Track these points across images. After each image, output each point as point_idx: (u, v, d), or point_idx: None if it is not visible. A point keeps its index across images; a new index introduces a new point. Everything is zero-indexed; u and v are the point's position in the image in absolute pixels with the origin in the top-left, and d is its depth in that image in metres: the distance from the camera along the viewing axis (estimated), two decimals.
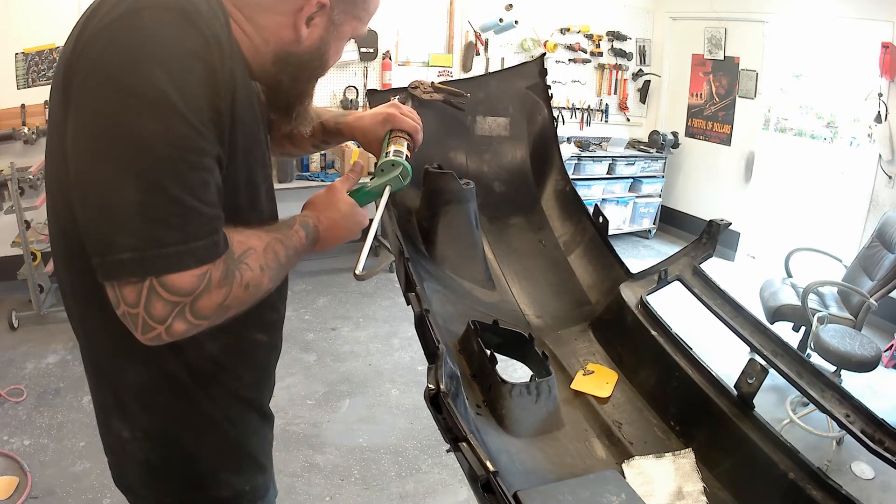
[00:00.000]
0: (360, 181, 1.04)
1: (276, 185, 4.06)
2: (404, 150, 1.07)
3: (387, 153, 1.06)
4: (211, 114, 0.70)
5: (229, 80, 0.72)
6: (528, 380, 1.18)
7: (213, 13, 0.71)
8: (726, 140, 5.21)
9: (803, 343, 3.08)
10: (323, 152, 4.37)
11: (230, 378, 0.93)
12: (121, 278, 0.66)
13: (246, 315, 0.81)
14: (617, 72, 5.50)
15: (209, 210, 0.69)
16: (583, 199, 1.65)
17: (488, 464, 0.76)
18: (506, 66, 3.51)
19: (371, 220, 1.02)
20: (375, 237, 1.01)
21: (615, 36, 5.36)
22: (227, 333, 0.87)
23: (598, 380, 1.29)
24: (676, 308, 1.74)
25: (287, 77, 0.88)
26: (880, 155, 4.14)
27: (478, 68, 4.83)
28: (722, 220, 1.42)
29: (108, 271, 0.67)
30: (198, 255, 0.68)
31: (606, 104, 5.54)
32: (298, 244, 0.88)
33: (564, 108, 5.32)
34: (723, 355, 2.08)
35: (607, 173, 5.34)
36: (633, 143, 5.59)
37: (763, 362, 1.13)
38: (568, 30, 5.17)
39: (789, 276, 3.50)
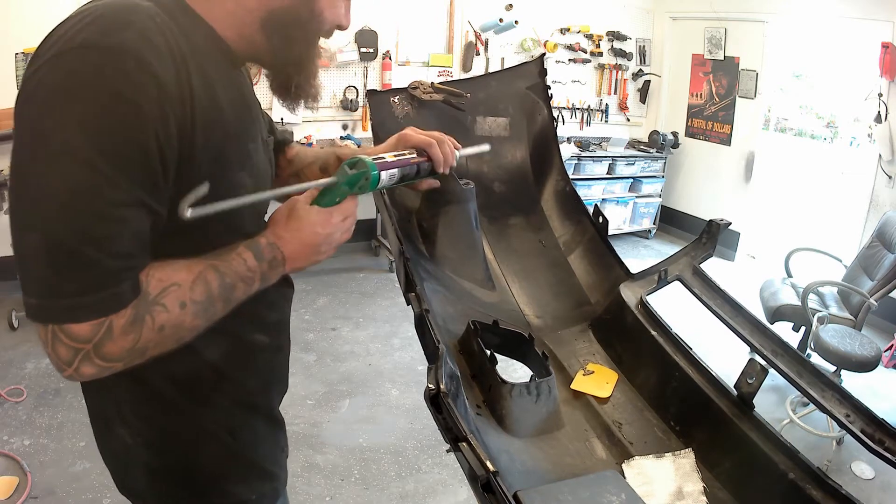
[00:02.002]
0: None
1: None
2: (386, 157, 0.98)
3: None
4: (138, 158, 0.66)
5: (175, 114, 0.68)
6: (528, 380, 1.18)
7: (149, 43, 0.66)
8: (726, 140, 5.21)
9: (803, 343, 3.08)
10: None
11: (232, 385, 0.92)
12: (32, 320, 0.68)
13: (244, 317, 0.81)
14: (617, 72, 5.50)
15: (113, 262, 0.67)
16: (583, 199, 1.65)
17: (488, 464, 0.76)
18: (506, 67, 3.51)
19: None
20: (375, 237, 1.00)
21: (615, 36, 5.36)
22: (225, 337, 0.86)
23: (598, 380, 1.29)
24: (676, 308, 1.74)
25: (279, 39, 0.81)
26: (880, 155, 4.14)
27: (478, 68, 4.84)
28: (722, 220, 1.42)
29: (25, 309, 0.68)
30: (93, 307, 0.67)
31: (606, 104, 5.54)
32: (241, 269, 0.80)
33: (564, 108, 5.32)
34: (723, 355, 2.08)
35: (607, 173, 5.34)
36: (633, 143, 5.59)
37: (763, 362, 1.13)
38: (568, 30, 5.17)
39: (789, 276, 3.50)
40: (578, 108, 5.41)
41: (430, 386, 0.85)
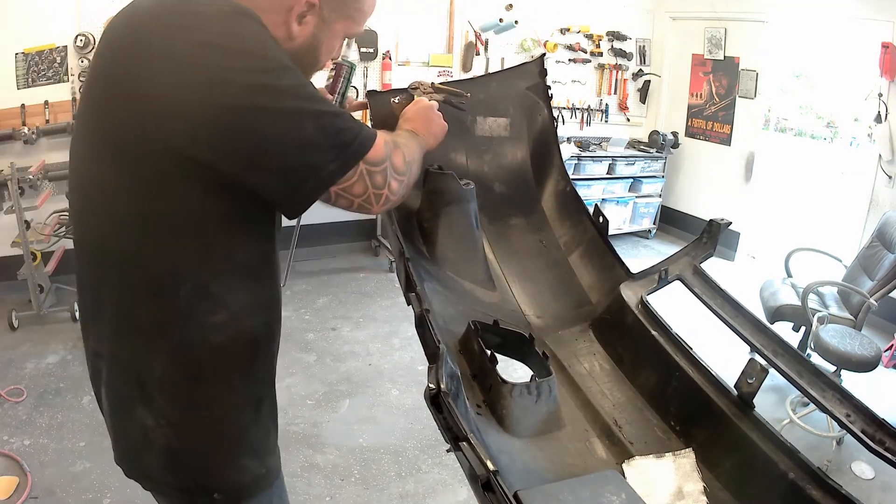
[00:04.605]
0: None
1: None
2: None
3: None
4: None
5: None
6: (528, 380, 1.18)
7: None
8: (726, 140, 5.21)
9: (803, 343, 3.08)
10: None
11: (268, 357, 0.99)
12: (338, 180, 0.88)
13: (276, 291, 0.98)
14: (617, 72, 5.50)
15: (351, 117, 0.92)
16: (583, 199, 1.66)
17: (489, 463, 0.76)
18: (506, 67, 3.51)
19: None
20: (375, 237, 1.06)
21: (615, 36, 5.36)
22: (262, 309, 0.96)
23: None
24: (677, 308, 1.74)
25: None
26: (880, 155, 4.14)
27: (478, 68, 4.83)
28: (722, 220, 1.42)
29: (327, 182, 0.87)
30: (370, 133, 0.92)
31: (606, 104, 5.54)
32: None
33: (564, 108, 5.31)
34: (723, 355, 2.08)
35: (607, 173, 5.33)
36: (633, 143, 5.59)
37: (763, 362, 1.13)
38: (568, 30, 5.17)
39: (789, 276, 3.50)
40: (578, 108, 5.41)
41: (430, 386, 0.85)
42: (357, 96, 4.47)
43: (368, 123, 1.21)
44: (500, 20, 4.61)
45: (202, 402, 0.93)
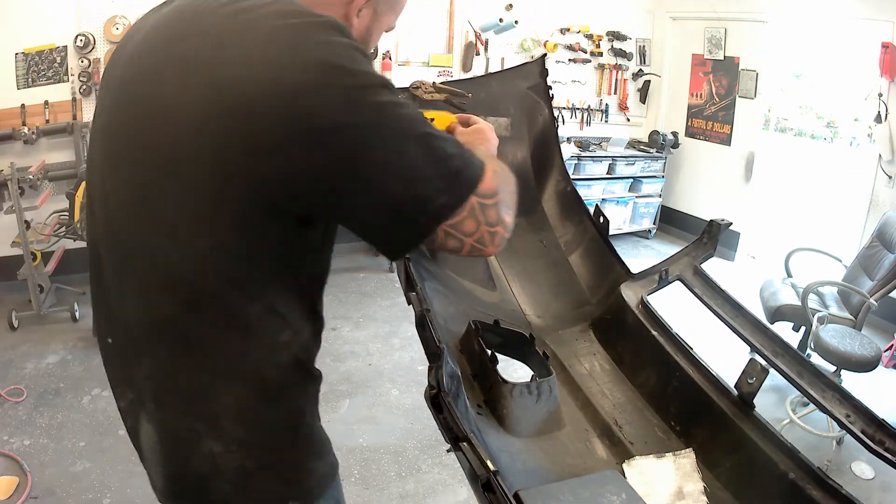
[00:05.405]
0: None
1: None
2: None
3: None
4: None
5: None
6: (528, 380, 1.18)
7: None
8: (726, 140, 5.21)
9: (803, 343, 3.08)
10: None
11: (313, 364, 1.01)
12: (450, 215, 0.77)
13: (320, 301, 0.96)
14: (617, 72, 5.50)
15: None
16: (583, 199, 1.66)
17: (489, 463, 0.76)
18: (506, 67, 3.51)
19: None
20: None
21: (615, 36, 5.36)
22: (310, 322, 0.94)
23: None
24: (677, 308, 1.74)
25: None
26: (880, 155, 4.14)
27: (478, 68, 4.83)
28: (722, 220, 1.42)
29: (436, 218, 0.77)
30: (479, 160, 0.82)
31: (606, 104, 5.54)
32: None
33: (564, 108, 5.32)
34: (723, 355, 2.08)
35: (607, 173, 5.33)
36: (633, 143, 5.59)
37: (763, 362, 1.13)
38: (568, 30, 5.17)
39: (789, 276, 3.50)
40: (578, 108, 5.41)
41: (430, 386, 0.85)
42: None
43: None
44: (500, 20, 4.61)
45: (273, 419, 0.91)
